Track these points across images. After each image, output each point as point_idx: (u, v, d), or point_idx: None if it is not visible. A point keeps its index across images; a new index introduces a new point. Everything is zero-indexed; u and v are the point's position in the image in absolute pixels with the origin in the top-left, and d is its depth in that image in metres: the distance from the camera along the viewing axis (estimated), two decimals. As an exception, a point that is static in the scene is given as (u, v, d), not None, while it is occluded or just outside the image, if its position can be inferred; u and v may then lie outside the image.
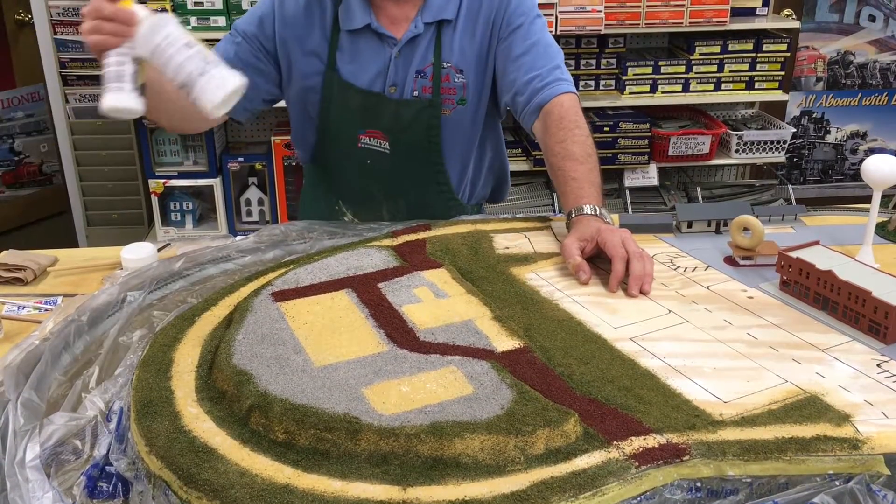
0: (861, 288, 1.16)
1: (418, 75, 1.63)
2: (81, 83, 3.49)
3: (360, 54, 1.63)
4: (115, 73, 1.15)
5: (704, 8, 3.24)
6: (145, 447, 0.92)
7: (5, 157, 4.14)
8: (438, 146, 1.67)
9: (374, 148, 1.68)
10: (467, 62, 1.64)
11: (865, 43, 3.96)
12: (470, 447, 0.89)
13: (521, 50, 1.61)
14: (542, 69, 1.60)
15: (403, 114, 1.64)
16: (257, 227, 3.39)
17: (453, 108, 1.66)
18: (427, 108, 1.63)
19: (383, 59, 1.62)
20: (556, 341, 1.13)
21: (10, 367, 1.10)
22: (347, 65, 1.63)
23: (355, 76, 1.63)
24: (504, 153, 1.87)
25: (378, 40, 1.62)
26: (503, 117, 1.80)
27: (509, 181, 1.92)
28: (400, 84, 1.63)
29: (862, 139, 4.11)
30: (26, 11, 3.81)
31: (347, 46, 1.63)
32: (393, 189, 1.72)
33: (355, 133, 1.67)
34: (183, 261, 1.42)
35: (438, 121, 1.65)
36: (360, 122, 1.66)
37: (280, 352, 1.06)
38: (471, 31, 1.63)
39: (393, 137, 1.66)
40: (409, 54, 1.62)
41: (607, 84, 3.46)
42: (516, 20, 1.62)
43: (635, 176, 3.49)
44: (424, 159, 1.69)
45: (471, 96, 1.66)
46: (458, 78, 1.64)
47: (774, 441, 0.93)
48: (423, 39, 1.62)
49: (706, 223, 1.53)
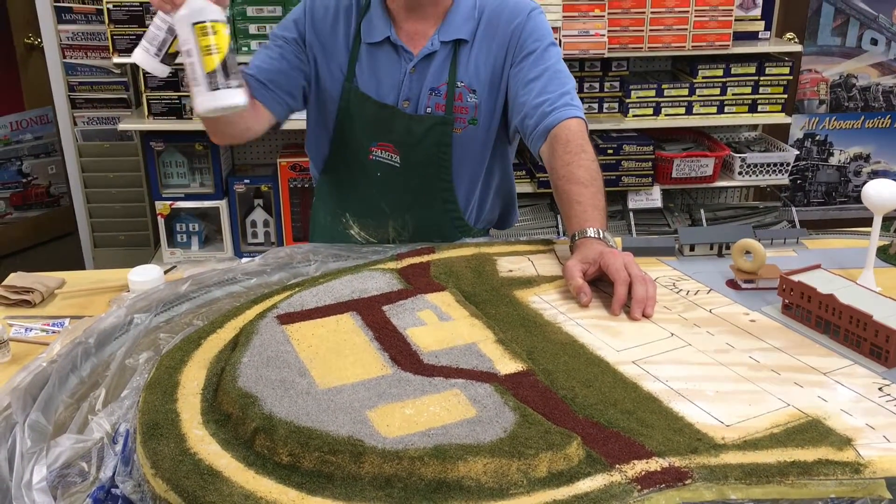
0: (862, 312, 1.17)
1: (432, 92, 1.66)
2: (90, 106, 3.52)
3: (377, 67, 1.67)
4: (151, 34, 1.26)
5: (707, 32, 3.27)
6: (151, 469, 0.93)
7: (13, 179, 4.18)
8: (448, 164, 1.70)
9: (384, 161, 1.70)
10: (481, 83, 1.67)
11: (868, 66, 3.98)
12: (473, 470, 0.89)
13: (533, 75, 1.64)
14: (552, 94, 1.62)
15: (415, 129, 1.66)
16: (263, 249, 3.42)
17: (464, 128, 1.68)
18: (439, 124, 1.66)
19: (399, 73, 1.66)
20: (558, 364, 1.13)
21: (18, 389, 1.11)
22: (365, 77, 1.68)
23: (372, 88, 1.67)
24: (512, 179, 1.89)
25: (395, 54, 1.66)
26: (513, 143, 1.82)
27: (517, 208, 1.93)
28: (413, 99, 1.67)
29: (865, 161, 4.13)
30: (36, 35, 3.86)
31: (366, 59, 1.67)
32: (401, 204, 1.74)
33: (367, 145, 1.71)
34: (189, 283, 1.44)
35: (449, 138, 1.67)
36: (373, 133, 1.69)
37: (285, 374, 1.07)
38: (486, 53, 1.66)
39: (404, 151, 1.69)
40: (424, 70, 1.66)
41: (611, 107, 3.48)
42: (530, 46, 1.65)
43: (639, 198, 3.51)
44: (433, 176, 1.71)
45: (482, 117, 1.69)
46: (471, 98, 1.67)
47: (776, 465, 0.93)
48: (439, 57, 1.65)
49: (708, 247, 1.54)
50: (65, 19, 3.41)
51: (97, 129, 3.55)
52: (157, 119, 3.29)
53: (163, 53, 1.25)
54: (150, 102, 3.26)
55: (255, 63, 1.67)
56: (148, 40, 1.27)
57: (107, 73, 3.49)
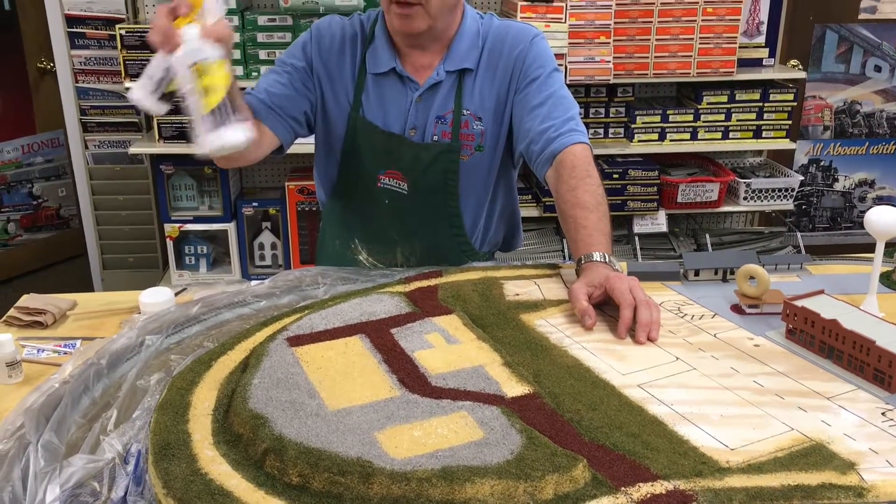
0: (865, 337, 1.18)
1: (438, 121, 1.68)
2: (101, 130, 3.57)
3: (383, 96, 1.69)
4: (149, 71, 1.23)
5: (712, 59, 3.30)
6: (163, 489, 0.94)
7: (24, 201, 4.22)
8: (455, 190, 1.72)
9: (393, 188, 1.73)
10: (486, 110, 1.69)
11: (872, 93, 4.01)
12: (480, 492, 0.91)
13: (537, 101, 1.66)
14: (557, 120, 1.63)
15: (423, 157, 1.69)
16: (270, 272, 3.44)
17: (471, 154, 1.70)
18: (446, 152, 1.68)
19: (405, 102, 1.68)
20: (564, 387, 1.15)
21: (31, 410, 1.13)
22: (371, 106, 1.70)
23: (378, 117, 1.69)
24: (516, 202, 1.91)
25: (401, 83, 1.68)
26: (517, 167, 1.85)
27: (521, 230, 1.95)
28: (420, 127, 1.69)
29: (870, 187, 4.14)
30: (49, 60, 3.92)
31: (372, 89, 1.69)
32: (409, 230, 1.76)
33: (376, 173, 1.73)
34: (199, 305, 1.45)
35: (457, 165, 1.70)
36: (381, 162, 1.71)
37: (295, 396, 1.08)
38: (490, 81, 1.69)
39: (412, 179, 1.71)
40: (430, 100, 1.68)
41: (616, 132, 3.51)
42: (534, 72, 1.67)
43: (644, 222, 3.52)
44: (441, 202, 1.73)
45: (488, 143, 1.71)
46: (477, 125, 1.69)
47: (780, 488, 0.94)
48: (445, 86, 1.68)
49: (713, 272, 1.55)
50: (78, 44, 3.46)
51: (108, 152, 3.59)
52: (167, 143, 3.33)
53: (160, 91, 1.23)
54: (160, 126, 3.30)
55: (263, 86, 1.67)
56: (147, 77, 1.24)
57: (118, 98, 3.54)
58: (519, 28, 1.71)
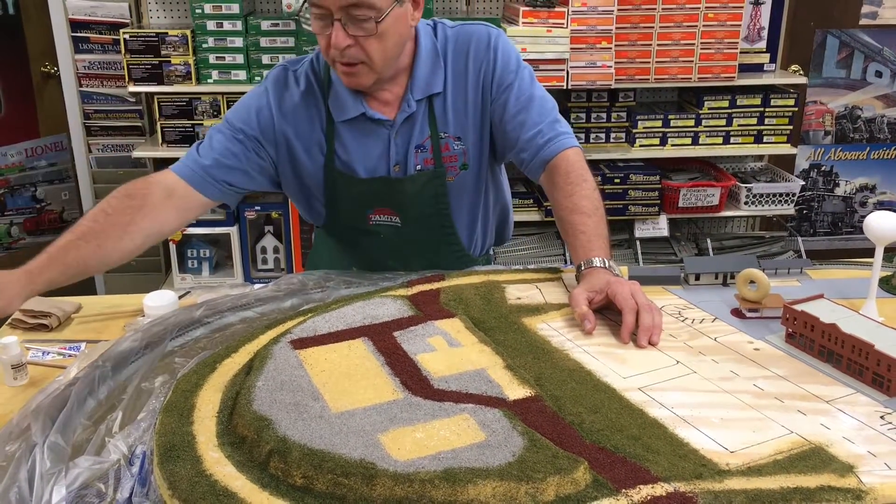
0: (864, 341, 1.19)
1: (418, 150, 1.63)
2: (104, 134, 3.58)
3: (359, 141, 1.63)
4: None
5: (713, 64, 3.31)
6: (168, 490, 0.95)
7: (27, 205, 4.23)
8: (447, 211, 1.70)
9: (385, 223, 1.70)
10: (463, 129, 1.65)
11: (873, 98, 4.02)
12: (482, 493, 0.92)
13: (517, 108, 1.62)
14: (542, 124, 1.61)
15: (410, 189, 1.65)
16: (272, 275, 3.45)
17: (457, 175, 1.68)
18: (432, 178, 1.65)
19: (383, 141, 1.63)
20: (566, 390, 1.16)
21: (37, 411, 1.14)
22: (349, 154, 1.63)
23: (357, 165, 1.63)
24: (505, 193, 1.87)
25: (373, 124, 1.62)
26: (500, 163, 1.81)
27: (511, 221, 1.93)
28: (402, 162, 1.64)
29: (871, 192, 4.15)
30: (52, 64, 3.93)
31: (345, 135, 1.62)
32: (406, 257, 1.73)
33: (365, 214, 1.69)
34: (203, 308, 1.46)
35: (445, 188, 1.67)
36: (368, 204, 1.68)
37: (298, 398, 1.09)
38: (462, 99, 1.64)
39: (403, 213, 1.68)
40: (407, 132, 1.63)
41: (618, 137, 3.52)
42: (506, 78, 1.63)
43: (646, 227, 3.53)
44: (436, 225, 1.72)
45: (472, 160, 1.68)
46: (457, 145, 1.65)
47: (780, 491, 0.95)
48: (418, 115, 1.62)
49: (713, 276, 1.56)
50: (82, 49, 3.48)
51: (111, 156, 3.61)
52: (170, 147, 3.34)
53: None
54: (163, 130, 3.32)
55: (213, 154, 1.59)
56: None
57: (122, 102, 3.55)
58: (476, 32, 1.64)
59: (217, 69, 3.26)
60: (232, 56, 3.25)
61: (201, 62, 3.26)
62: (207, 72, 3.26)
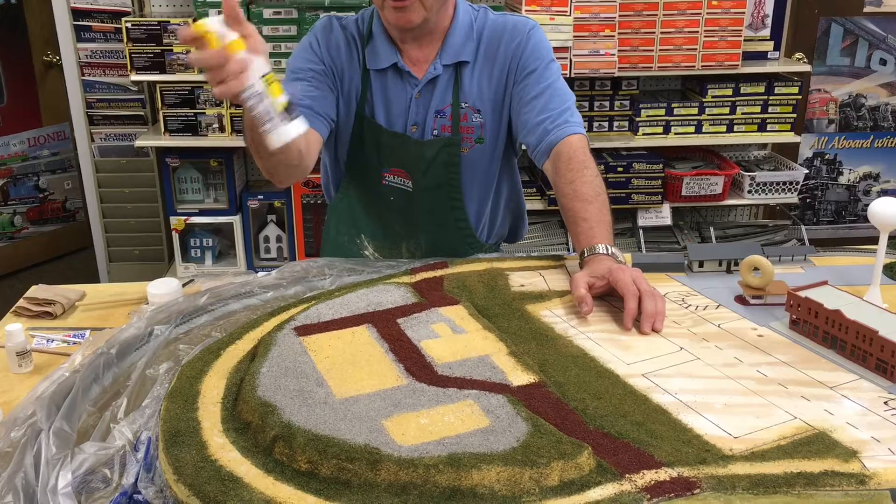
0: (868, 327, 1.19)
1: (438, 115, 1.69)
2: (106, 123, 3.58)
3: (386, 93, 1.70)
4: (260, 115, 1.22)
5: (716, 52, 3.30)
6: (173, 475, 0.96)
7: (30, 194, 4.23)
8: (458, 183, 1.73)
9: (397, 186, 1.74)
10: (484, 102, 1.70)
11: (877, 86, 4.01)
12: (486, 478, 0.92)
13: (534, 92, 1.67)
14: (553, 111, 1.65)
15: (425, 153, 1.70)
16: (275, 264, 3.46)
17: (472, 147, 1.71)
18: (446, 146, 1.69)
19: (405, 98, 1.70)
20: (569, 377, 1.16)
21: (42, 398, 1.14)
22: (376, 105, 1.71)
23: (382, 115, 1.71)
24: (520, 193, 1.92)
25: (400, 80, 1.69)
26: (518, 156, 1.86)
27: (526, 221, 1.96)
28: (420, 124, 1.70)
29: (875, 181, 4.14)
30: (55, 53, 3.93)
31: (375, 86, 1.70)
32: (414, 225, 1.78)
33: (379, 171, 1.74)
34: (207, 296, 1.47)
35: (458, 159, 1.71)
36: (385, 160, 1.73)
37: (303, 384, 1.10)
38: (488, 73, 1.69)
39: (415, 176, 1.72)
40: (429, 94, 1.69)
41: (621, 125, 3.51)
42: (532, 64, 1.68)
43: (649, 216, 3.53)
44: (445, 196, 1.74)
45: (488, 135, 1.72)
46: (476, 118, 1.70)
47: (783, 476, 0.95)
48: (442, 80, 1.68)
49: (717, 263, 1.56)
50: (84, 38, 3.47)
51: (114, 145, 3.60)
52: (172, 136, 3.34)
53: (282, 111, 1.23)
54: (166, 119, 3.32)
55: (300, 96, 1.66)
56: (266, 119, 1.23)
57: (124, 91, 3.55)
58: (516, 20, 1.72)
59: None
60: None
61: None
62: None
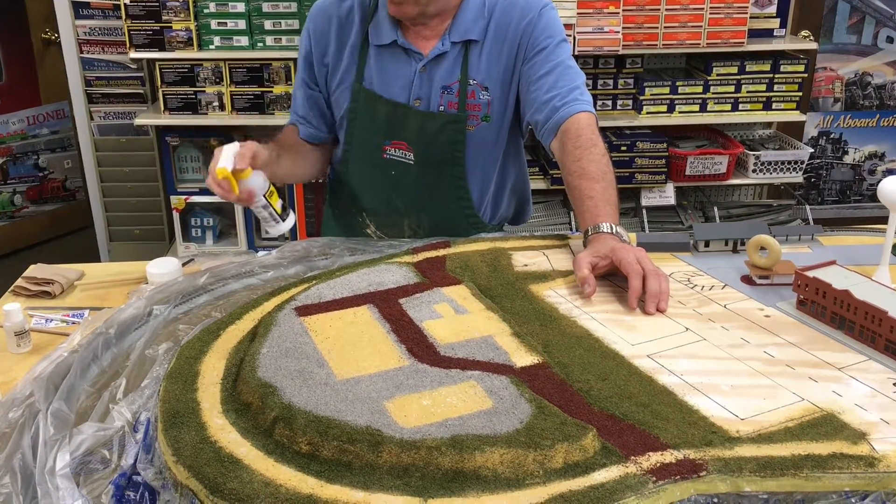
0: (877, 308, 1.17)
1: (444, 90, 1.67)
2: (106, 101, 3.55)
3: (386, 67, 1.69)
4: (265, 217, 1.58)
5: (722, 29, 3.26)
6: (172, 457, 0.94)
7: (30, 173, 4.21)
8: (462, 161, 1.71)
9: (399, 159, 1.72)
10: (493, 80, 1.68)
11: (883, 64, 3.97)
12: (490, 460, 0.91)
13: (543, 70, 1.65)
14: (562, 89, 1.63)
15: (428, 126, 1.68)
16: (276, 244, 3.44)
17: (477, 125, 1.69)
18: (452, 122, 1.68)
19: (409, 72, 1.68)
20: (574, 357, 1.14)
21: (41, 378, 1.13)
22: (375, 77, 1.70)
23: (382, 88, 1.69)
24: (526, 176, 1.90)
25: (404, 55, 1.68)
26: (525, 138, 1.83)
27: (531, 204, 1.94)
28: (425, 98, 1.68)
29: (880, 160, 4.11)
30: (53, 31, 3.89)
31: (375, 60, 1.70)
32: (416, 202, 1.76)
33: (381, 143, 1.73)
34: (207, 276, 1.45)
35: (463, 135, 1.69)
36: (386, 132, 1.72)
37: (303, 365, 1.08)
38: (497, 51, 1.68)
39: (418, 149, 1.70)
40: (435, 70, 1.67)
41: (625, 104, 3.48)
42: (542, 42, 1.66)
43: (652, 195, 3.51)
44: (448, 173, 1.73)
45: (495, 113, 1.70)
46: (484, 95, 1.68)
47: (791, 458, 0.94)
48: (450, 57, 1.67)
49: (723, 242, 1.54)
50: (82, 15, 3.43)
51: (113, 123, 3.58)
52: (172, 114, 3.31)
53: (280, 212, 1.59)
54: (165, 98, 3.29)
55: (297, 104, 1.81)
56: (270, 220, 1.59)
57: (123, 69, 3.52)
58: (528, 1, 1.69)
59: (219, 35, 3.23)
60: (234, 21, 3.22)
61: (203, 28, 3.22)
62: (209, 38, 3.22)
